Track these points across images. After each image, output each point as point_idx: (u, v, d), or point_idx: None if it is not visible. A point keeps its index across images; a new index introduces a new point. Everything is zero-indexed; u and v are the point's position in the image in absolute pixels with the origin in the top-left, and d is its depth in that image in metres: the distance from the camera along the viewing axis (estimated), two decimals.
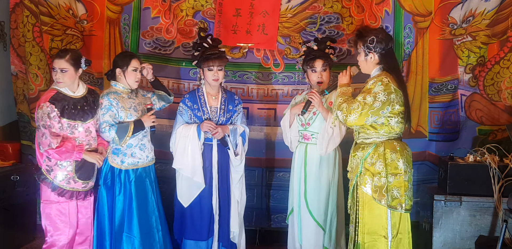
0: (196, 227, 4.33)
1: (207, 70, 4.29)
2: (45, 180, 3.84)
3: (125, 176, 4.10)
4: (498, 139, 4.91)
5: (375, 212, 3.60)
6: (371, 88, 3.55)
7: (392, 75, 3.61)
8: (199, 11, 5.01)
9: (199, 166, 4.25)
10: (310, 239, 4.26)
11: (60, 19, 4.92)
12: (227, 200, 4.38)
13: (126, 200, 4.08)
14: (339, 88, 3.75)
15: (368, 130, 3.65)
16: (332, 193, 4.26)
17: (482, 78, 4.93)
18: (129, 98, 4.13)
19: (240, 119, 4.45)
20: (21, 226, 4.77)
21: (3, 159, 4.86)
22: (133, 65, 4.10)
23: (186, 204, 4.32)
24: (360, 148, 3.70)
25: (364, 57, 3.68)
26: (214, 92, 4.41)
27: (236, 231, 4.40)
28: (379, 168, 3.59)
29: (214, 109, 4.38)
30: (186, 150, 4.26)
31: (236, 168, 4.39)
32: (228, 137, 4.33)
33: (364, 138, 3.70)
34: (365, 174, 3.62)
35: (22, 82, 5.17)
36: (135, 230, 4.08)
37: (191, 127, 4.29)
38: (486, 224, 4.34)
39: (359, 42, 3.68)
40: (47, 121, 3.73)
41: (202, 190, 4.30)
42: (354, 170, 3.70)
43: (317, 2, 4.95)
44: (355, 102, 3.53)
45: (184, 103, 4.38)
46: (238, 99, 4.50)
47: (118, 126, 4.01)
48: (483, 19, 4.84)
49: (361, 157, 3.66)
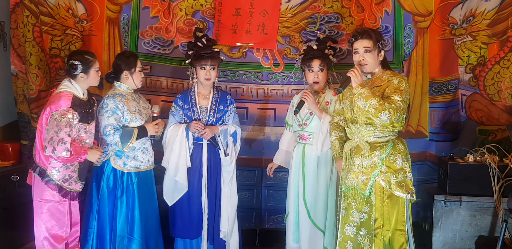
0: (185, 225, 4.36)
1: (200, 69, 4.31)
2: (50, 182, 3.83)
3: (127, 178, 4.11)
4: (498, 139, 4.90)
5: (397, 207, 3.66)
6: (399, 86, 3.59)
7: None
8: (198, 10, 5.01)
9: (182, 166, 4.28)
10: (309, 239, 4.26)
11: (60, 19, 4.92)
12: (215, 199, 4.39)
13: (129, 202, 4.09)
14: (361, 89, 3.58)
15: (387, 128, 3.66)
16: (330, 193, 4.26)
17: (483, 78, 4.93)
18: (133, 100, 4.14)
19: (231, 119, 4.46)
20: (21, 226, 4.76)
21: (3, 159, 4.86)
22: (139, 66, 4.14)
23: (171, 203, 4.36)
24: (377, 147, 3.70)
25: (378, 54, 3.73)
26: (206, 92, 4.42)
27: (225, 231, 4.39)
28: (402, 164, 3.67)
29: (204, 109, 4.39)
30: (173, 149, 4.31)
31: (226, 167, 4.40)
32: (218, 137, 4.33)
33: (379, 137, 3.71)
34: (387, 172, 3.65)
35: (22, 82, 5.17)
36: (136, 232, 4.09)
37: (180, 127, 4.32)
38: (486, 224, 4.34)
39: (376, 39, 3.72)
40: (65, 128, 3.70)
41: (192, 189, 4.32)
42: (369, 169, 3.69)
43: (317, 2, 4.95)
44: (395, 102, 3.52)
45: (176, 103, 4.43)
46: (231, 99, 4.50)
47: (123, 131, 4.01)
48: (483, 19, 4.84)
49: (379, 156, 3.68)
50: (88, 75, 3.89)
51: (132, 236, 4.09)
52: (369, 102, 3.51)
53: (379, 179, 3.65)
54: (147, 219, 4.15)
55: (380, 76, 3.72)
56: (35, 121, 5.02)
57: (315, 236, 4.26)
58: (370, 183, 3.68)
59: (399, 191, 3.63)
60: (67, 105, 3.75)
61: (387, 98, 3.54)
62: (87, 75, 3.88)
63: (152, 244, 4.20)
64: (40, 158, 3.83)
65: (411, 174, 3.68)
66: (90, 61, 3.89)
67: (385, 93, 3.60)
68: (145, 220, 4.13)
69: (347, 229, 3.78)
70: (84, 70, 3.87)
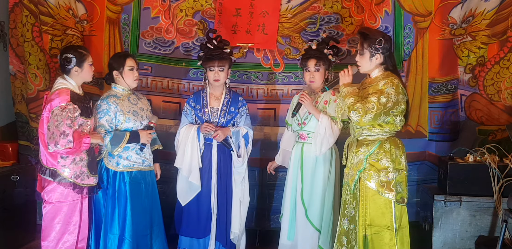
0: (192, 224, 4.37)
1: (209, 71, 4.34)
2: (62, 181, 3.81)
3: (120, 178, 4.09)
4: (497, 139, 4.91)
5: (379, 205, 3.69)
6: (383, 89, 3.62)
7: (397, 76, 3.73)
8: (199, 11, 5.01)
9: (195, 167, 4.30)
10: (304, 238, 4.28)
11: (60, 19, 4.92)
12: (226, 200, 4.40)
13: (121, 202, 4.07)
14: (345, 88, 3.74)
15: (374, 127, 3.72)
16: (328, 192, 4.28)
17: (482, 78, 4.93)
18: (129, 101, 4.12)
19: (243, 121, 4.47)
20: (21, 226, 4.77)
21: (3, 159, 4.86)
22: (128, 65, 4.10)
23: (184, 202, 4.37)
24: (363, 145, 3.76)
25: (370, 58, 3.72)
26: (218, 93, 4.43)
27: (237, 232, 4.42)
28: (386, 164, 3.68)
29: (214, 110, 4.40)
30: (186, 151, 4.33)
31: (238, 169, 4.42)
32: (230, 138, 4.34)
33: (367, 135, 3.77)
34: (370, 170, 3.70)
35: (21, 82, 5.16)
36: (127, 232, 4.06)
37: (192, 128, 4.34)
38: (486, 224, 4.35)
39: (365, 43, 3.71)
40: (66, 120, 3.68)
41: (201, 189, 4.33)
42: (356, 166, 3.76)
43: (317, 3, 4.95)
44: (369, 102, 3.57)
45: (188, 104, 4.45)
46: (243, 101, 4.50)
47: (114, 134, 3.99)
48: (483, 19, 4.84)
49: (365, 153, 3.73)
50: (82, 69, 3.87)
51: (123, 236, 4.06)
52: (345, 101, 3.65)
53: (362, 176, 3.71)
54: (140, 219, 4.12)
55: (375, 78, 3.74)
56: (34, 121, 5.02)
57: (311, 235, 4.27)
58: (355, 179, 3.75)
59: (380, 190, 3.66)
60: (67, 100, 3.73)
61: (364, 99, 3.61)
62: (81, 69, 3.87)
63: (144, 244, 4.15)
64: (47, 159, 3.80)
65: (394, 175, 3.67)
66: (83, 55, 3.88)
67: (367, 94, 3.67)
68: (138, 220, 4.10)
69: (343, 222, 3.88)
70: (78, 64, 3.85)
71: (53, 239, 3.87)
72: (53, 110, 3.71)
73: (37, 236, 4.82)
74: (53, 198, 3.83)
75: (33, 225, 4.93)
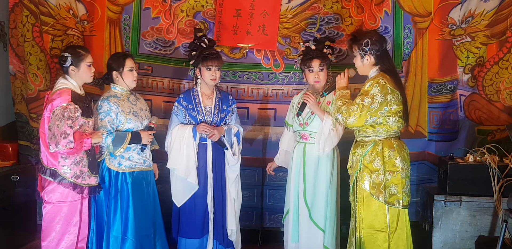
0: (190, 225, 4.36)
1: (206, 70, 4.32)
2: (63, 181, 3.81)
3: (122, 178, 4.08)
4: (496, 138, 4.93)
5: (372, 207, 3.74)
6: (368, 90, 3.66)
7: (388, 76, 3.74)
8: (200, 11, 5.01)
9: (193, 167, 4.29)
10: (309, 238, 4.28)
11: (60, 19, 4.91)
12: (222, 198, 4.41)
13: (124, 202, 4.07)
14: (338, 91, 3.85)
15: (367, 128, 3.78)
16: (331, 192, 4.27)
17: (481, 78, 4.95)
18: (129, 102, 4.12)
19: (234, 119, 4.49)
20: (21, 226, 4.76)
21: (3, 159, 4.86)
22: (128, 65, 4.09)
23: (180, 203, 4.36)
24: (359, 146, 3.83)
25: (361, 60, 3.80)
26: (209, 92, 4.43)
27: (233, 229, 4.43)
28: (377, 165, 3.72)
29: (208, 109, 4.40)
30: (181, 151, 4.30)
31: (232, 167, 4.42)
32: (224, 138, 4.35)
33: (364, 136, 3.83)
34: (363, 171, 3.76)
35: (21, 82, 5.16)
36: (130, 232, 4.06)
37: (187, 128, 4.31)
38: (486, 224, 4.36)
39: (354, 46, 3.82)
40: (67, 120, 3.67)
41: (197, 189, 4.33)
42: (354, 166, 3.83)
43: (317, 3, 4.96)
44: (353, 104, 3.65)
45: (179, 103, 4.41)
46: (232, 99, 4.53)
47: (116, 135, 3.98)
48: (482, 19, 4.85)
49: (360, 154, 3.80)
50: (78, 68, 3.86)
51: (126, 236, 4.06)
52: (335, 104, 3.78)
53: (358, 178, 3.76)
54: (143, 219, 4.12)
55: (367, 79, 3.78)
56: (34, 121, 5.02)
57: (315, 235, 4.26)
58: (353, 179, 3.82)
59: (372, 192, 3.70)
60: (68, 100, 3.73)
61: (352, 101, 3.69)
62: (77, 68, 3.85)
63: (148, 244, 4.16)
64: (48, 159, 3.80)
65: (385, 177, 3.70)
66: (81, 54, 3.86)
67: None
68: (140, 220, 4.10)
69: (351, 222, 3.92)
70: (74, 63, 3.84)
71: (53, 239, 3.87)
72: (54, 111, 3.71)
73: (37, 236, 4.83)
74: (53, 198, 3.83)
75: (33, 225, 4.92)
